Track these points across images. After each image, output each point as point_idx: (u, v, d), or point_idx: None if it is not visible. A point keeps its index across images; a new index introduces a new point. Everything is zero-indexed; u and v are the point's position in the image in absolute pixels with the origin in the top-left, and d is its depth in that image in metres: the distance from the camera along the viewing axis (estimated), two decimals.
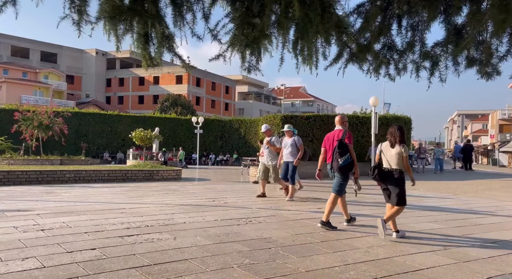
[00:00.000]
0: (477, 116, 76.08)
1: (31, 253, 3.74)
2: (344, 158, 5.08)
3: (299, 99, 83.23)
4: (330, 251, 4.11)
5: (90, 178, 11.36)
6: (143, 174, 12.43)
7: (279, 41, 3.28)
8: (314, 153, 15.93)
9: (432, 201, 8.85)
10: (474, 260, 3.95)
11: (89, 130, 26.15)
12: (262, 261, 3.67)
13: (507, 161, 46.54)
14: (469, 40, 2.95)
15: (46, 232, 4.58)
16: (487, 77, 3.40)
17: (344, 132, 5.30)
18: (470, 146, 23.74)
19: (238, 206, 7.14)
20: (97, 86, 57.72)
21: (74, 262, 3.49)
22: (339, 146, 5.13)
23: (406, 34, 3.32)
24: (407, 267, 3.67)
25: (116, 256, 3.69)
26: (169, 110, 39.29)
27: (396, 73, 3.58)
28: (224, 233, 4.77)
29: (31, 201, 7.16)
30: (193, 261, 3.63)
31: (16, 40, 51.65)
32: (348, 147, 5.15)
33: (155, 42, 3.11)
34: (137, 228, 4.95)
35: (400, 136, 4.67)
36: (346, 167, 5.15)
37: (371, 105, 15.18)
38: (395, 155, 4.69)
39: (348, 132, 5.33)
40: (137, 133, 18.99)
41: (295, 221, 5.74)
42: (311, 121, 15.94)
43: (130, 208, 6.54)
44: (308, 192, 10.04)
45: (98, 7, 2.88)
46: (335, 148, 5.17)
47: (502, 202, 8.86)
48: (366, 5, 3.23)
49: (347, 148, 5.14)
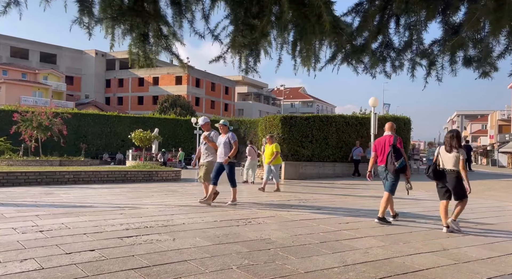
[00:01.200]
0: (477, 116, 76.15)
1: (30, 254, 3.73)
2: (399, 161, 5.62)
3: (299, 99, 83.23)
4: (330, 252, 4.11)
5: (89, 179, 11.35)
6: (143, 175, 12.42)
7: (278, 42, 3.28)
8: (313, 154, 15.96)
9: (432, 201, 8.84)
10: (474, 261, 3.95)
11: (88, 131, 26.12)
12: (261, 262, 3.67)
13: (506, 161, 46.55)
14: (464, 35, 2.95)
15: (45, 234, 4.57)
16: (485, 76, 3.40)
17: (395, 137, 5.82)
18: (469, 147, 23.77)
19: (237, 207, 7.13)
20: (97, 87, 57.70)
21: (72, 263, 3.48)
22: (394, 151, 5.65)
23: (404, 33, 3.32)
24: (406, 267, 3.66)
25: (115, 257, 3.68)
26: (168, 110, 39.27)
27: (392, 70, 3.58)
28: (223, 234, 4.77)
29: (30, 202, 7.15)
30: (192, 262, 3.62)
31: (16, 41, 51.63)
32: (402, 152, 5.71)
33: (152, 42, 3.11)
34: (136, 229, 4.95)
35: (456, 143, 5.27)
36: (401, 169, 5.70)
37: (371, 106, 15.18)
38: (452, 158, 5.26)
39: (399, 137, 5.88)
40: (137, 134, 18.97)
41: (294, 222, 5.74)
42: (310, 121, 15.93)
43: (129, 209, 6.53)
44: (307, 193, 10.03)
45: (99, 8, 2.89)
46: (390, 152, 5.68)
47: (502, 202, 8.86)
48: (364, 4, 3.23)
49: (401, 152, 5.68)
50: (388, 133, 5.99)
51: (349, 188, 11.78)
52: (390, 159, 5.64)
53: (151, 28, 3.06)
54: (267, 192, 10.03)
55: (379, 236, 4.93)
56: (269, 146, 10.60)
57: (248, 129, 28.45)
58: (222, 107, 60.17)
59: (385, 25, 3.26)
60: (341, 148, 16.27)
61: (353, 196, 9.59)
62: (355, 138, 16.61)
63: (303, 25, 2.91)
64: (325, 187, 12.04)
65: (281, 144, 15.33)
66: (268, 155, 10.57)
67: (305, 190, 10.86)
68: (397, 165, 5.60)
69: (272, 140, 10.59)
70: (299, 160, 15.50)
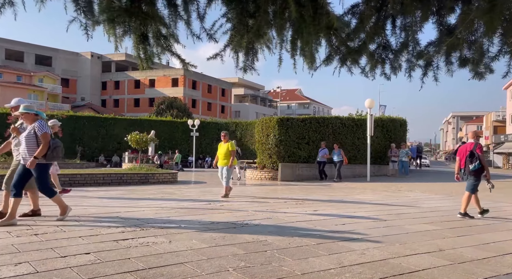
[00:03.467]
0: (472, 117, 76.67)
1: (24, 258, 3.69)
2: (474, 165, 6.60)
3: (295, 101, 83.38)
4: (326, 253, 4.10)
5: (85, 181, 11.29)
6: (139, 177, 12.37)
7: (277, 41, 3.29)
8: (310, 155, 15.97)
9: (428, 202, 8.88)
10: (469, 261, 3.96)
11: (84, 134, 26.00)
12: (258, 264, 3.66)
13: (501, 162, 46.85)
14: (459, 36, 2.97)
15: (40, 237, 4.53)
16: (480, 77, 3.42)
17: (475, 144, 6.78)
18: None
19: (234, 209, 7.12)
20: (93, 89, 57.50)
21: (68, 266, 3.46)
22: (469, 155, 6.67)
23: (400, 34, 3.34)
24: (403, 268, 3.66)
25: (110, 260, 3.65)
26: (165, 113, 39.20)
27: (391, 72, 3.60)
28: (220, 236, 4.75)
29: (25, 205, 7.08)
30: (189, 264, 3.60)
31: (11, 43, 51.37)
32: (478, 156, 6.62)
33: (152, 43, 3.11)
34: (132, 231, 4.92)
35: None
36: (476, 171, 6.65)
37: (367, 107, 15.25)
38: None
39: (479, 144, 6.86)
40: (133, 136, 18.92)
41: (291, 224, 5.73)
42: (307, 123, 15.95)
43: (125, 212, 6.49)
44: (304, 195, 10.04)
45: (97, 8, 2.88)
46: (467, 157, 6.70)
47: (497, 203, 8.91)
48: (360, 6, 3.25)
49: (477, 157, 6.62)
50: (470, 140, 6.95)
51: (345, 189, 11.80)
52: (467, 163, 6.67)
53: (150, 29, 3.06)
54: (264, 196, 10.03)
55: (375, 237, 4.94)
56: (223, 144, 9.06)
57: (244, 131, 28.45)
58: (218, 109, 60.16)
59: (382, 27, 3.28)
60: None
61: (350, 197, 9.61)
62: (351, 139, 16.66)
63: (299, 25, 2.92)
64: (322, 188, 12.05)
65: (278, 146, 15.37)
66: (223, 155, 8.99)
67: (301, 191, 10.86)
68: (471, 167, 6.61)
69: (227, 138, 9.16)
70: (296, 162, 15.51)
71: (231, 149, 8.93)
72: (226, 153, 8.92)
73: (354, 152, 16.68)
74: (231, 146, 9.00)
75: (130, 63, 56.66)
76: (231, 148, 8.94)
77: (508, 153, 44.61)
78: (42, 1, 2.79)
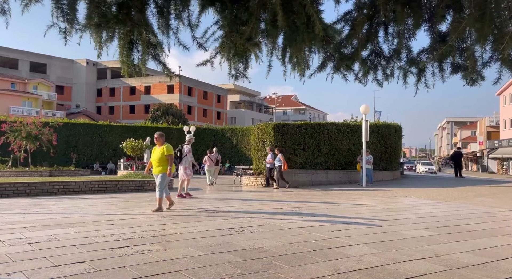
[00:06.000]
0: (466, 123, 77.26)
1: (18, 267, 3.64)
2: None
3: (291, 107, 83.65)
4: (323, 260, 4.09)
5: (80, 189, 11.19)
6: (134, 184, 12.29)
7: (268, 48, 3.31)
8: (306, 161, 15.98)
9: (424, 208, 8.90)
10: (466, 267, 3.97)
11: (79, 141, 25.83)
12: (254, 271, 3.64)
13: (496, 167, 47.18)
14: (451, 44, 3.01)
15: (34, 246, 4.48)
16: (472, 83, 3.47)
17: None
18: (460, 153, 24.06)
19: (230, 216, 7.08)
20: (88, 96, 57.34)
21: (62, 276, 3.41)
22: None
23: (392, 41, 3.38)
24: (399, 275, 3.66)
25: (105, 269, 3.61)
26: (160, 119, 39.13)
27: (384, 78, 3.63)
28: (216, 244, 4.72)
29: (18, 214, 7.02)
30: (184, 272, 3.57)
31: (5, 50, 51.20)
32: None
33: (140, 50, 3.12)
34: (128, 239, 4.88)
35: None
36: None
37: (362, 113, 15.32)
38: None
39: None
40: (128, 143, 18.85)
41: (287, 230, 5.71)
42: (303, 129, 15.98)
43: (121, 220, 6.44)
44: (300, 201, 10.02)
45: (85, 14, 2.88)
46: None
47: (492, 208, 8.95)
48: (353, 13, 3.29)
49: None
50: None
51: (342, 195, 11.81)
52: None
53: (139, 36, 3.06)
54: (260, 203, 10.02)
55: (372, 243, 4.93)
56: (157, 148, 7.67)
57: (240, 137, 28.44)
58: (214, 115, 60.18)
59: (374, 34, 3.31)
60: (334, 155, 16.34)
61: (346, 203, 9.61)
62: (347, 145, 16.70)
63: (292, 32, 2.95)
64: (318, 194, 12.04)
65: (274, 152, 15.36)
66: (156, 161, 7.56)
67: (298, 197, 10.85)
68: None
69: (161, 140, 7.64)
70: (292, 168, 15.50)
71: (166, 153, 7.49)
72: (160, 159, 7.51)
73: (350, 157, 16.72)
74: (167, 149, 7.53)
75: None
76: (167, 152, 7.50)
77: (502, 158, 44.97)
78: (26, 5, 2.79)
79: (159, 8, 3.02)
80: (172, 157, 7.65)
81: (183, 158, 10.73)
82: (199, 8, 3.09)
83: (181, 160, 10.66)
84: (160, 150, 7.62)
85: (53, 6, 2.76)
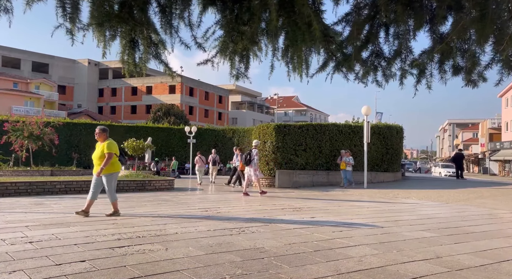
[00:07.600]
0: (468, 125, 77.13)
1: (19, 266, 3.65)
2: None
3: (292, 108, 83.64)
4: (323, 260, 4.09)
5: (81, 189, 11.20)
6: (135, 184, 12.31)
7: (269, 48, 3.32)
8: (307, 162, 15.98)
9: (425, 209, 8.89)
10: (467, 269, 3.96)
11: (80, 140, 25.87)
12: (255, 272, 3.64)
13: (497, 169, 47.07)
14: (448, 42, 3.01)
15: (35, 245, 4.49)
16: (473, 85, 3.46)
17: None
18: (461, 155, 24.01)
19: (231, 216, 7.09)
20: (89, 96, 57.47)
21: (62, 275, 3.42)
22: None
23: (393, 42, 3.38)
24: (400, 276, 3.65)
25: (106, 268, 3.62)
26: (162, 120, 39.19)
27: (384, 79, 3.63)
28: (217, 244, 4.73)
29: (19, 213, 7.03)
30: (185, 272, 3.58)
31: (7, 50, 51.39)
32: None
33: (141, 49, 3.12)
34: (128, 239, 4.88)
35: None
36: None
37: (364, 114, 15.31)
38: None
39: None
40: (130, 143, 18.88)
41: (288, 231, 5.71)
42: (304, 130, 15.99)
43: (121, 219, 6.45)
44: (301, 202, 10.02)
45: (88, 14, 2.89)
46: None
47: (494, 210, 8.93)
48: (353, 14, 3.29)
49: None
50: None
51: (342, 196, 11.79)
52: None
53: (141, 35, 3.07)
54: (261, 203, 10.01)
55: (372, 244, 4.93)
56: (99, 144, 6.72)
57: (241, 137, 28.44)
58: (216, 116, 60.23)
59: (375, 34, 3.32)
60: (335, 156, 16.33)
61: (347, 204, 9.60)
62: (348, 146, 16.70)
63: (293, 33, 2.96)
64: (319, 195, 12.04)
65: (275, 153, 15.38)
66: (97, 159, 6.64)
67: (298, 198, 10.84)
68: None
69: (103, 136, 6.69)
70: (293, 169, 15.50)
71: (106, 151, 6.48)
72: (101, 157, 6.56)
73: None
74: (107, 147, 6.52)
75: None
76: (107, 149, 6.49)
77: (504, 160, 44.86)
78: (28, 4, 2.80)
79: (161, 7, 3.03)
80: (111, 155, 6.51)
81: (252, 161, 11.68)
82: (200, 7, 3.10)
83: (250, 163, 11.68)
84: (101, 147, 6.60)
85: (57, 5, 2.77)
